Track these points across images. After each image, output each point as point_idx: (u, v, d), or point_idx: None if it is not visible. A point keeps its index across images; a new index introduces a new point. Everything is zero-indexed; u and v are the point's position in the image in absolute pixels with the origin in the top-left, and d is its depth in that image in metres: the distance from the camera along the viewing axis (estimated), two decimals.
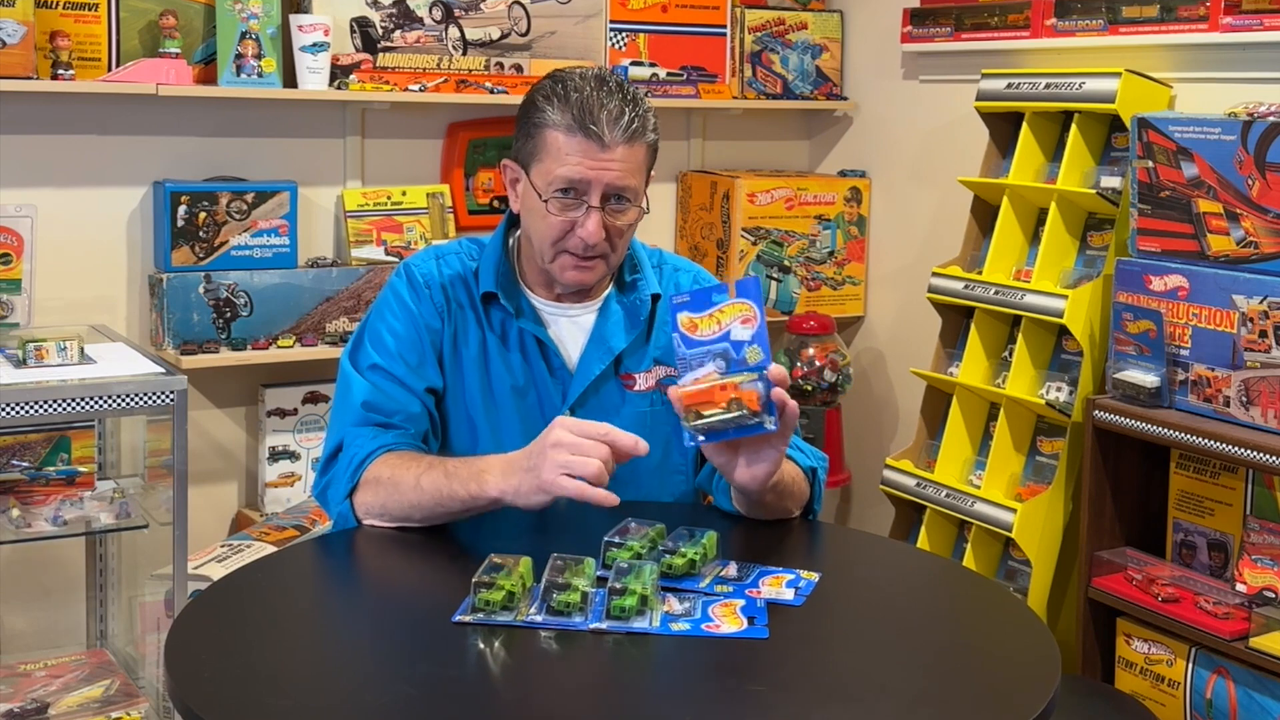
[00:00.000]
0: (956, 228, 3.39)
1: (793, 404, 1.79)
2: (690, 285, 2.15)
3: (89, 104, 3.07)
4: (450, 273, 2.08)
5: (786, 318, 3.78)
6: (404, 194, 3.40)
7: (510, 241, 2.12)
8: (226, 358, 3.12)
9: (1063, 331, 3.08)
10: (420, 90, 3.31)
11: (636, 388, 2.09)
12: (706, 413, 1.77)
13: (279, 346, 3.17)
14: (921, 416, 3.42)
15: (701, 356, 1.80)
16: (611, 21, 3.65)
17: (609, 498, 1.73)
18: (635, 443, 1.76)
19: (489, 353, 2.06)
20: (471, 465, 1.88)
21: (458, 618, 1.61)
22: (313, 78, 3.17)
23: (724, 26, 3.80)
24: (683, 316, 1.81)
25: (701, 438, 1.79)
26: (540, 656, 1.57)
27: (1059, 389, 3.06)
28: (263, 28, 3.10)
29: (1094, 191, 2.98)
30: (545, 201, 1.97)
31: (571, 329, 2.09)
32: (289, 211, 3.21)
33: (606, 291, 2.11)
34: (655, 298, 2.11)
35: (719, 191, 3.75)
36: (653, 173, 2.05)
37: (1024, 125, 3.18)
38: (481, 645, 1.57)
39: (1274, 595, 2.60)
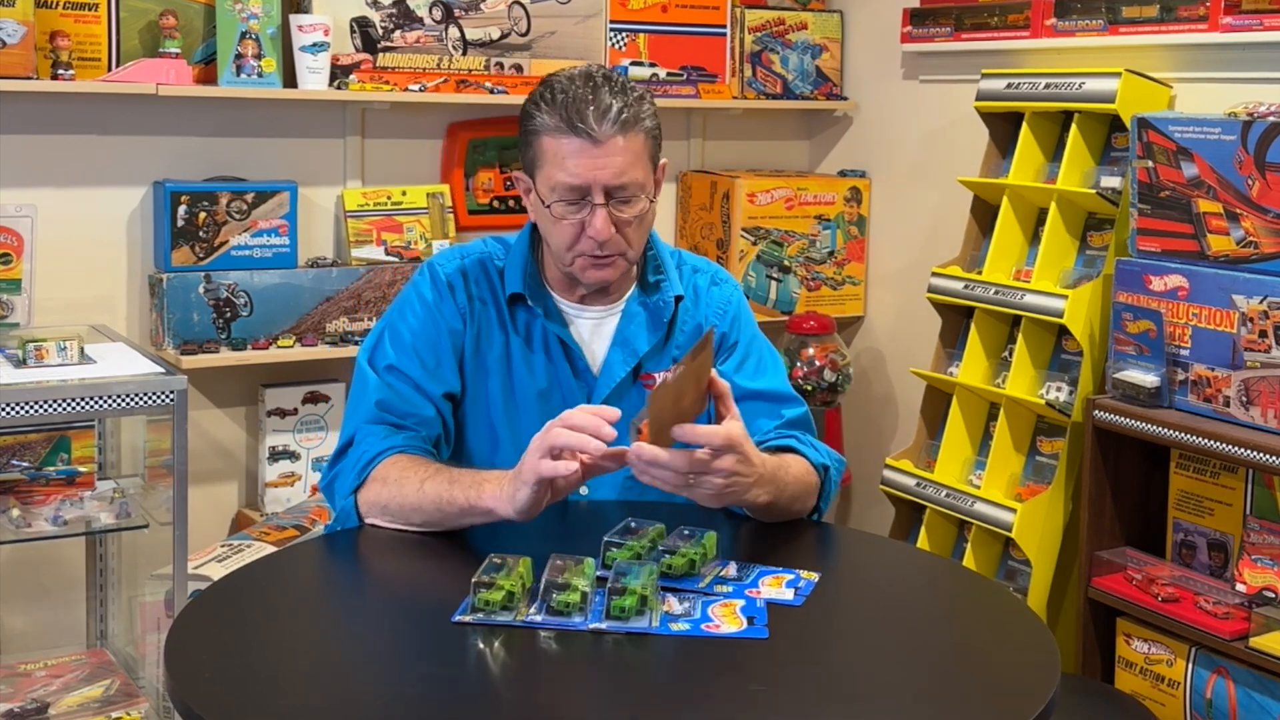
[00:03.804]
0: (956, 228, 3.39)
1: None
2: (709, 287, 2.14)
3: (89, 104, 3.07)
4: (475, 274, 2.07)
5: (786, 318, 3.78)
6: (404, 194, 3.40)
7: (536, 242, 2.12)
8: (226, 358, 3.12)
9: (1063, 331, 3.08)
10: (420, 90, 3.31)
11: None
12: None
13: (279, 346, 3.17)
14: (921, 416, 3.42)
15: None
16: (611, 21, 3.65)
17: (569, 466, 1.73)
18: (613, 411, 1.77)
19: (512, 355, 2.05)
20: (475, 474, 1.88)
21: (457, 618, 1.61)
22: (313, 78, 3.17)
23: (724, 26, 3.80)
24: None
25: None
26: (540, 656, 1.57)
27: (1059, 389, 3.06)
28: (263, 28, 3.10)
29: (1094, 191, 2.98)
30: (550, 207, 1.97)
31: (595, 331, 2.08)
32: (289, 211, 3.21)
33: (629, 293, 2.10)
34: (678, 299, 2.10)
35: (719, 191, 3.75)
36: (665, 162, 2.04)
37: (1024, 125, 3.18)
38: (481, 645, 1.57)
39: (1274, 595, 2.60)
